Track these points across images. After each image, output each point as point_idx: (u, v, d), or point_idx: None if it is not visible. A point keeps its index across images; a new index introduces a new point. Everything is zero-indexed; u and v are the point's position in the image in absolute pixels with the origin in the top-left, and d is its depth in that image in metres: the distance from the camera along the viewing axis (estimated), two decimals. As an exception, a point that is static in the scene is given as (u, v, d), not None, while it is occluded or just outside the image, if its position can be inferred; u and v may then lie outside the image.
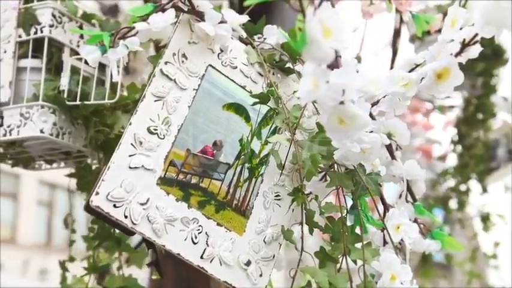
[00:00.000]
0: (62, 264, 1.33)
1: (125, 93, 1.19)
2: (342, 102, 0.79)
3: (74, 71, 1.18)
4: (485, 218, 2.63)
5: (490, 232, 2.66)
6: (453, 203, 2.57)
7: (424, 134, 2.84)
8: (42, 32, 1.16)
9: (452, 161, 2.63)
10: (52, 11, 1.17)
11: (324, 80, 0.75)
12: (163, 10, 0.94)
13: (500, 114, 2.54)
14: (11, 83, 1.14)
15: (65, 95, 1.15)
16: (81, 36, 1.22)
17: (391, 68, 2.25)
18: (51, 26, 1.16)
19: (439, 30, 1.27)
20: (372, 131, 0.92)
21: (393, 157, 1.11)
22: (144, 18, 0.93)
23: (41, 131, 1.13)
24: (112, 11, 1.68)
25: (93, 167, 1.25)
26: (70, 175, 1.29)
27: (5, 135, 1.14)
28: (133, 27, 0.93)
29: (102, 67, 1.22)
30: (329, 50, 0.74)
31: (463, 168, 2.53)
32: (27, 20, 1.17)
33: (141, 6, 0.94)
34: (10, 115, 1.14)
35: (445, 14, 1.03)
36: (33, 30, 1.17)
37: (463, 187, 2.58)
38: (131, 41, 0.92)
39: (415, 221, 1.06)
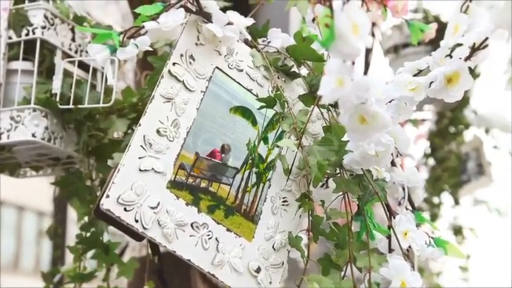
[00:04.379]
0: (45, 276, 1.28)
1: (120, 98, 1.16)
2: (364, 101, 0.79)
3: (66, 74, 1.14)
4: (457, 231, 2.67)
5: (461, 245, 2.69)
6: (425, 215, 2.59)
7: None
8: (34, 33, 1.13)
9: (423, 173, 2.67)
10: (44, 12, 1.13)
11: (349, 77, 0.74)
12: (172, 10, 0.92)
13: (471, 128, 2.59)
14: (0, 86, 1.10)
15: (57, 99, 1.12)
16: (73, 39, 1.18)
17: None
18: (43, 27, 1.13)
19: (430, 41, 1.29)
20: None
21: (393, 164, 1.11)
22: (154, 17, 0.91)
23: (33, 135, 1.09)
24: None
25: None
26: (55, 183, 1.24)
27: (-6, 139, 1.09)
28: (143, 27, 0.90)
29: (93, 71, 1.18)
30: (357, 46, 0.72)
31: (435, 181, 2.56)
32: (18, 21, 1.13)
33: (150, 5, 0.92)
34: (0, 118, 1.10)
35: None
36: (24, 31, 1.13)
37: (435, 200, 2.61)
38: (141, 40, 0.90)
39: (415, 228, 1.06)
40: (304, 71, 1.04)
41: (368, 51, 2.60)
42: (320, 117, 1.03)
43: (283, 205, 0.99)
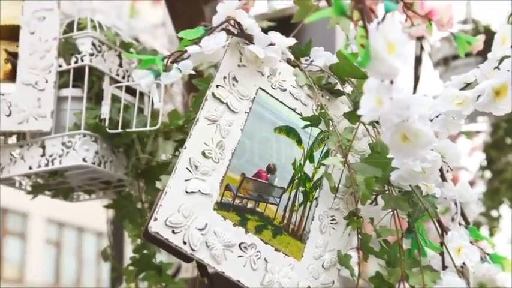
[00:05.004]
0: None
1: (166, 120, 1.18)
2: (406, 119, 0.78)
3: (114, 99, 1.17)
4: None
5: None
6: (484, 230, 2.53)
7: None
8: (82, 61, 1.15)
9: (480, 187, 2.60)
10: (92, 40, 1.16)
11: (388, 96, 0.73)
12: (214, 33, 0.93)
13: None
14: (52, 113, 1.13)
15: (106, 124, 1.14)
16: (120, 65, 1.21)
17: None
18: (91, 54, 1.16)
19: (479, 52, 1.26)
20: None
21: (444, 179, 1.09)
22: (196, 41, 0.92)
23: (84, 160, 1.11)
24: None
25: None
26: (108, 206, 1.27)
27: (47, 165, 1.12)
28: (186, 51, 0.92)
29: (140, 95, 1.20)
30: (393, 65, 0.72)
31: (493, 194, 2.49)
32: (67, 49, 1.16)
33: (193, 30, 0.93)
34: (52, 144, 1.13)
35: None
36: (73, 59, 1.16)
37: (494, 213, 2.54)
38: (184, 64, 0.91)
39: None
40: (348, 89, 1.03)
41: (417, 65, 2.56)
42: (366, 134, 1.02)
43: (331, 223, 0.98)
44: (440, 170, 1.03)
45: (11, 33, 1.16)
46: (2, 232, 9.64)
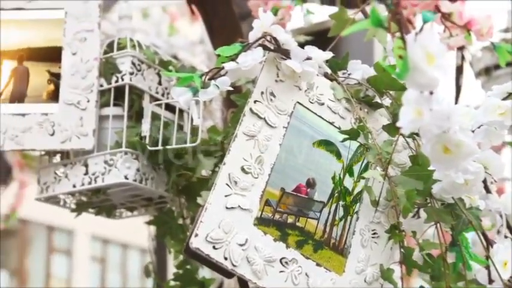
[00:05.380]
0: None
1: (205, 136, 1.19)
2: (446, 130, 0.77)
3: (154, 116, 1.18)
4: None
5: None
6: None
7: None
8: (123, 80, 1.17)
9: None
10: (132, 59, 1.18)
11: (427, 107, 0.73)
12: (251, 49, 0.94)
13: None
14: (94, 131, 1.15)
15: (147, 141, 1.15)
16: (160, 83, 1.23)
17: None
18: (131, 73, 1.18)
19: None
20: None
21: (488, 191, 1.07)
22: (233, 57, 0.93)
23: (125, 177, 1.13)
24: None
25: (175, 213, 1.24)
26: (150, 222, 1.28)
27: (90, 183, 1.14)
28: (223, 67, 0.92)
29: (179, 112, 1.22)
30: (433, 76, 0.71)
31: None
32: (108, 69, 1.18)
33: (229, 46, 0.94)
34: (95, 163, 1.15)
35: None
36: (114, 78, 1.18)
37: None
38: (222, 80, 0.92)
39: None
40: (387, 101, 1.03)
41: (458, 75, 2.53)
42: (406, 147, 1.01)
43: (373, 237, 0.97)
44: (484, 181, 1.02)
45: (54, 54, 1.19)
46: (49, 249, 9.81)
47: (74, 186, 1.15)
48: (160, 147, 1.15)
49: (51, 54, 1.19)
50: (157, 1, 3.42)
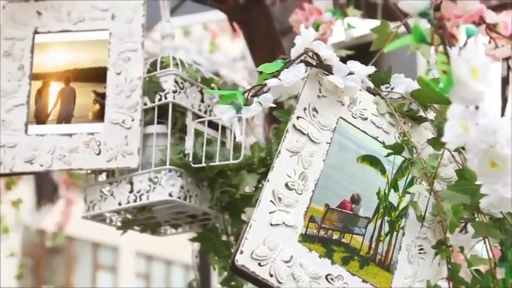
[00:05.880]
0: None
1: (248, 153, 1.19)
2: (493, 145, 0.75)
3: (197, 134, 1.19)
4: None
5: None
6: None
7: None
8: (166, 98, 1.19)
9: None
10: (175, 77, 1.19)
11: (473, 122, 0.72)
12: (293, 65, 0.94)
13: None
14: (139, 150, 1.16)
15: (190, 158, 1.16)
16: (202, 100, 1.24)
17: (502, 116, 2.17)
18: (174, 91, 1.19)
19: None
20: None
21: (538, 204, 1.04)
22: (275, 74, 0.93)
23: (170, 195, 1.14)
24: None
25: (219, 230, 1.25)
26: (194, 239, 1.28)
27: (135, 200, 1.15)
28: (265, 84, 0.93)
29: (222, 129, 1.22)
30: (477, 91, 0.70)
31: None
32: (151, 87, 1.20)
33: (271, 63, 0.94)
34: (139, 181, 1.16)
35: None
36: (157, 97, 1.19)
37: None
38: (264, 97, 0.92)
39: None
40: (431, 115, 1.02)
41: (504, 86, 2.50)
42: (452, 161, 1.00)
43: (419, 253, 0.96)
44: (533, 194, 0.99)
45: (99, 75, 1.21)
46: (94, 266, 9.94)
47: (120, 204, 1.17)
48: (203, 164, 1.16)
49: (97, 75, 1.21)
50: (198, 18, 3.46)
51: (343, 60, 0.98)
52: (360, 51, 1.37)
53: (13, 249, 3.01)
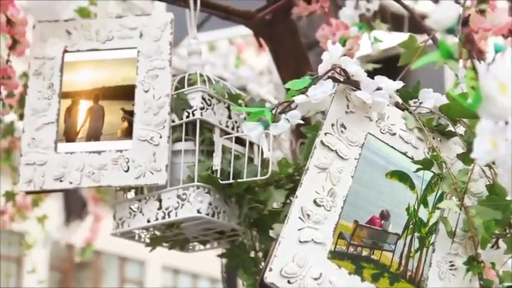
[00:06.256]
0: None
1: (276, 169, 1.19)
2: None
3: (225, 150, 1.19)
4: None
5: None
6: None
7: None
8: (193, 115, 1.19)
9: None
10: (202, 94, 1.20)
11: (503, 137, 0.71)
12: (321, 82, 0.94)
13: None
14: (167, 166, 1.17)
15: (218, 175, 1.17)
16: (229, 116, 1.24)
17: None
18: (201, 108, 1.19)
19: None
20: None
21: None
22: (303, 90, 0.93)
23: (198, 211, 1.14)
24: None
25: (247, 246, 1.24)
26: (222, 255, 1.28)
27: (163, 217, 1.16)
28: (293, 101, 0.93)
29: (249, 145, 1.23)
30: (506, 106, 0.70)
31: None
32: (179, 104, 1.20)
33: (299, 80, 0.94)
34: (168, 197, 1.17)
35: None
36: (185, 114, 1.20)
37: None
38: (292, 114, 0.92)
39: None
40: (460, 129, 1.01)
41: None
42: (482, 176, 0.99)
43: (450, 269, 0.95)
44: None
45: (127, 92, 1.22)
46: (121, 280, 9.99)
47: (148, 221, 1.18)
48: (231, 180, 1.16)
49: (125, 93, 1.22)
50: (224, 33, 3.48)
51: (370, 73, 0.98)
52: (387, 64, 1.36)
53: (41, 263, 3.03)
